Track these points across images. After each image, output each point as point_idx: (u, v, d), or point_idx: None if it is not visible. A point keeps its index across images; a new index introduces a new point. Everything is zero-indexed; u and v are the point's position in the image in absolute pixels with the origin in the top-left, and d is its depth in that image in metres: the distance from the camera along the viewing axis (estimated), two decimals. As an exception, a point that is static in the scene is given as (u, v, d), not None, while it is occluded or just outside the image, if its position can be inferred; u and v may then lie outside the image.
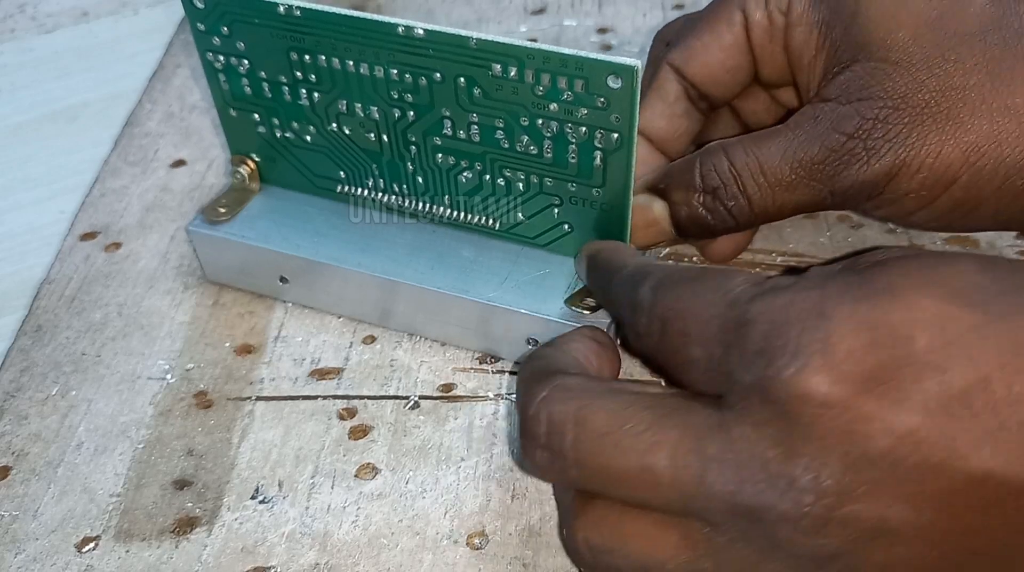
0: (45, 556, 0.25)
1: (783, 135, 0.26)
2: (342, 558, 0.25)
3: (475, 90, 0.27)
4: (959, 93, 0.25)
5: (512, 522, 0.25)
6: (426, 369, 0.30)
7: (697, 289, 0.22)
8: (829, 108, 0.26)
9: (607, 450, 0.21)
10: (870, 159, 0.25)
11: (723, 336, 0.21)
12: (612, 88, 0.25)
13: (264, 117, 0.30)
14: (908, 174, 0.25)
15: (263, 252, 0.30)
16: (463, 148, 0.28)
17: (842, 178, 0.26)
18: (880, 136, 0.25)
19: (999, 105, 0.25)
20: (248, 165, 0.32)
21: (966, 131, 0.25)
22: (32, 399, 0.29)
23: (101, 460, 0.28)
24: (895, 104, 0.25)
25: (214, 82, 0.30)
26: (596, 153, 0.27)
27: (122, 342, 0.31)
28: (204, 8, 0.29)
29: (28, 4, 0.48)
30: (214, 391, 0.29)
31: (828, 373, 0.19)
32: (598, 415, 0.21)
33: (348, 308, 0.31)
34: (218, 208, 0.31)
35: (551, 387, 0.22)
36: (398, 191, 0.30)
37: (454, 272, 0.29)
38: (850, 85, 0.26)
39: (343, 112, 0.29)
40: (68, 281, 0.33)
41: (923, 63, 0.25)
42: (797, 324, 0.20)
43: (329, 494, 0.26)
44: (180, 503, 0.26)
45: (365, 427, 0.28)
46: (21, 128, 0.42)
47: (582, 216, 0.28)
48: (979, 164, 0.25)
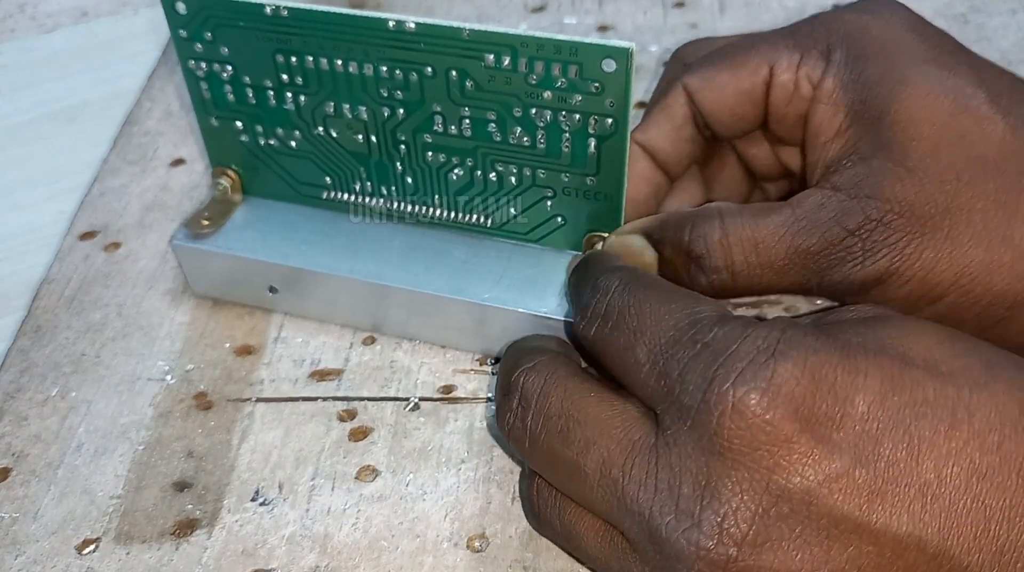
0: (45, 558, 0.25)
1: (784, 215, 0.25)
2: (342, 561, 0.25)
3: (467, 82, 0.27)
4: (964, 215, 0.24)
5: (512, 525, 0.25)
6: (426, 370, 0.29)
7: (665, 297, 0.22)
8: (836, 199, 0.25)
9: (554, 433, 0.22)
10: (865, 260, 0.25)
11: (674, 348, 0.21)
12: (606, 72, 0.25)
13: (247, 125, 0.30)
14: (898, 282, 0.25)
15: (251, 263, 0.30)
16: (454, 144, 0.28)
17: (833, 273, 0.25)
18: (880, 239, 0.25)
19: (999, 235, 0.24)
20: (229, 176, 0.31)
21: (962, 253, 0.24)
22: (32, 400, 0.29)
23: (101, 461, 0.28)
24: (900, 210, 0.25)
25: (195, 91, 0.30)
26: (590, 140, 0.27)
27: (122, 343, 0.31)
28: (186, 14, 0.28)
29: (28, 4, 0.48)
30: (214, 392, 0.29)
31: (767, 400, 0.19)
32: (558, 396, 0.22)
33: (341, 316, 0.31)
34: (201, 221, 0.31)
35: (536, 360, 0.23)
36: (386, 194, 0.30)
37: (448, 273, 0.29)
38: (862, 180, 0.25)
39: (330, 114, 0.29)
40: (68, 281, 0.33)
41: (936, 177, 0.25)
42: (747, 357, 0.20)
43: (329, 496, 0.26)
44: (180, 505, 0.26)
45: (365, 429, 0.28)
46: (21, 128, 0.42)
47: (575, 207, 0.28)
48: (967, 288, 0.25)
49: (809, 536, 0.19)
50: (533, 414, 0.23)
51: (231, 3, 0.27)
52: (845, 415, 0.19)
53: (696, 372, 0.20)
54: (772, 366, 0.19)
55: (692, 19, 0.43)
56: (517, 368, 0.23)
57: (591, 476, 0.21)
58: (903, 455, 0.19)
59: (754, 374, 0.19)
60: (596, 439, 0.22)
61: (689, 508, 0.20)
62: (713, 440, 0.19)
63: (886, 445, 0.19)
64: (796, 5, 0.43)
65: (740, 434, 0.19)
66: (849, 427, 0.19)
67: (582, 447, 0.22)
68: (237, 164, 0.31)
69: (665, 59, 0.41)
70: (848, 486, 0.19)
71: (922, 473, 0.19)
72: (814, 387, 0.19)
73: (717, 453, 0.19)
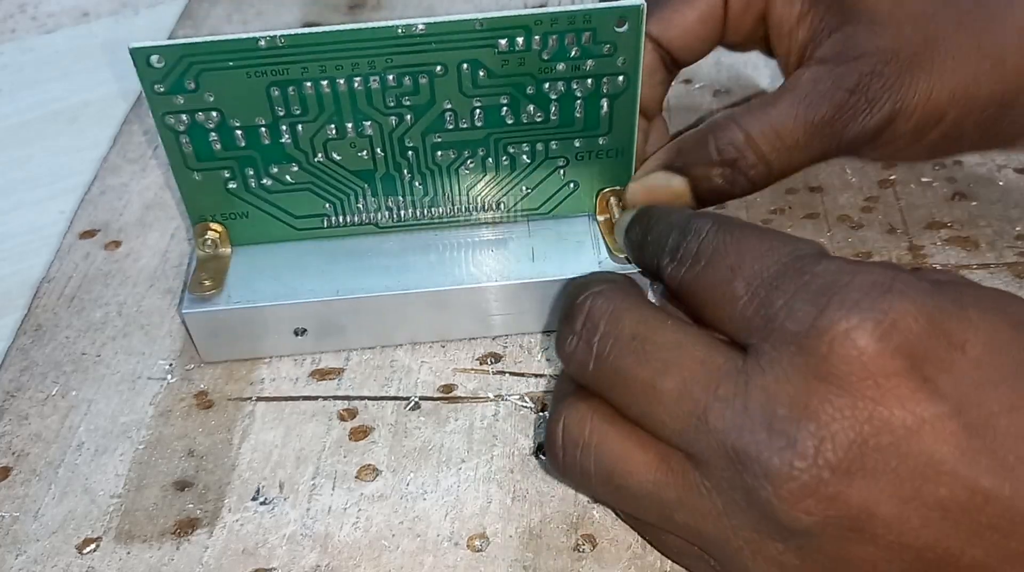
0: (46, 558, 0.25)
1: (788, 99, 0.28)
2: (343, 560, 0.25)
3: (480, 72, 0.27)
4: (940, 43, 0.28)
5: (512, 524, 0.25)
6: (426, 370, 0.30)
7: (762, 235, 0.23)
8: (827, 69, 0.28)
9: (627, 354, 0.22)
10: (872, 110, 0.28)
11: (778, 280, 0.21)
12: (619, 32, 0.26)
13: (236, 170, 0.28)
14: (904, 118, 0.28)
15: (276, 309, 0.28)
16: (466, 137, 0.28)
17: (848, 131, 0.28)
18: (878, 88, 0.28)
19: (974, 49, 0.28)
20: (215, 230, 0.30)
21: (950, 74, 0.28)
22: (32, 399, 0.29)
23: (102, 460, 0.28)
24: (887, 58, 0.28)
25: (173, 147, 0.28)
26: (602, 101, 0.28)
27: (122, 341, 0.31)
28: (164, 66, 0.26)
29: (28, 4, 0.48)
30: (214, 391, 0.29)
31: (881, 339, 0.19)
32: (632, 319, 0.22)
33: (383, 336, 0.30)
34: (203, 282, 0.29)
35: (604, 286, 0.23)
36: (394, 205, 0.30)
37: (482, 264, 0.29)
38: (844, 47, 0.28)
39: (332, 137, 0.28)
40: (68, 279, 0.33)
41: (907, 21, 0.28)
42: (863, 290, 0.20)
43: (330, 496, 0.26)
44: (181, 504, 0.26)
45: (366, 428, 0.28)
46: (21, 128, 0.42)
47: (588, 169, 0.29)
48: (962, 101, 0.28)
49: (902, 472, 0.19)
50: (601, 336, 0.22)
51: (218, 44, 0.26)
52: (955, 362, 0.19)
53: (806, 300, 0.20)
54: (889, 301, 0.19)
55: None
56: (583, 292, 0.23)
57: (668, 395, 0.21)
58: (1007, 411, 0.19)
59: (871, 305, 0.19)
60: (676, 360, 0.21)
61: (784, 428, 0.19)
62: (820, 365, 0.19)
63: (991, 399, 0.19)
64: None
65: (849, 361, 0.19)
66: (958, 374, 0.19)
67: (660, 367, 0.21)
68: (222, 215, 0.29)
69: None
70: (950, 431, 0.19)
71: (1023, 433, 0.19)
72: (928, 328, 0.19)
73: (822, 378, 0.19)
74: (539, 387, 0.29)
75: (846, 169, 0.35)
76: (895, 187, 0.34)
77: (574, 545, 0.25)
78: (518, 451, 0.27)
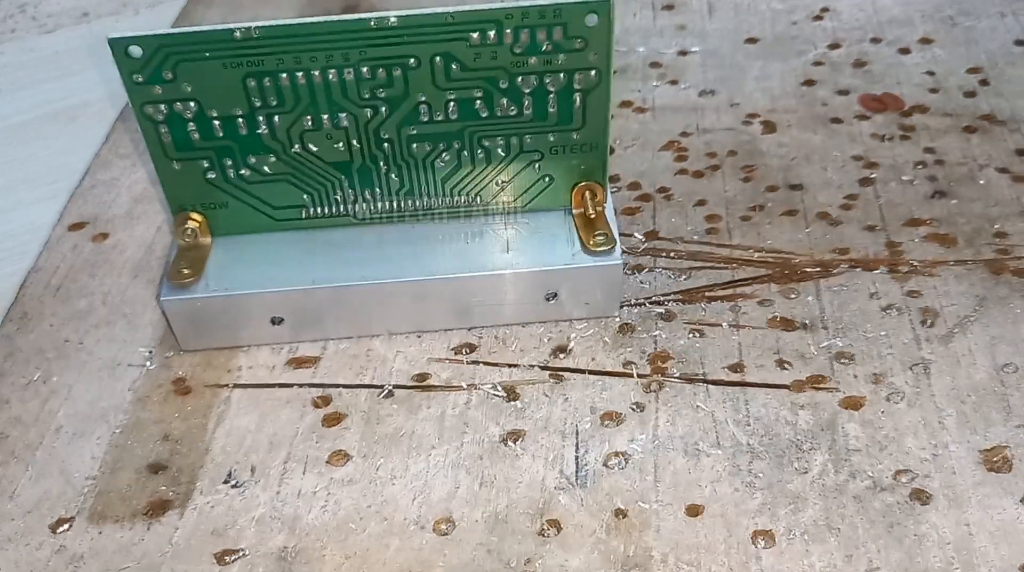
0: (20, 536, 0.26)
1: None
2: (310, 542, 0.25)
3: (453, 66, 0.27)
4: None
5: (479, 509, 0.26)
6: (402, 359, 0.30)
7: None
8: None
9: None
10: None
11: None
12: (589, 27, 0.26)
13: (215, 161, 0.29)
14: None
15: (252, 298, 0.29)
16: (440, 130, 0.29)
17: None
18: None
19: None
20: (195, 220, 0.30)
21: None
22: (14, 384, 0.30)
23: (79, 444, 0.28)
24: None
25: (153, 137, 0.28)
26: (575, 95, 0.28)
27: (105, 329, 0.31)
28: (142, 56, 0.27)
29: (28, 4, 0.49)
30: (192, 378, 0.30)
31: None
32: None
33: (355, 327, 0.30)
34: (181, 271, 0.29)
35: None
36: (371, 197, 0.30)
37: (459, 255, 0.29)
38: None
39: (308, 128, 0.28)
40: (55, 270, 0.34)
41: None
42: None
43: (300, 479, 0.27)
44: (154, 486, 0.27)
45: (339, 415, 0.28)
46: (21, 128, 0.42)
47: (563, 163, 0.29)
48: None
49: None
50: None
51: (195, 35, 0.26)
52: None
53: None
54: None
55: (681, 21, 0.43)
56: None
57: None
58: None
59: None
60: None
61: None
62: None
63: None
64: (784, 7, 0.43)
65: None
66: None
67: None
68: (202, 205, 0.30)
69: (653, 60, 0.42)
70: None
71: None
72: None
73: None
74: (511, 377, 0.29)
75: (827, 167, 0.35)
76: (875, 185, 0.34)
77: (539, 530, 0.25)
78: (488, 438, 0.27)
